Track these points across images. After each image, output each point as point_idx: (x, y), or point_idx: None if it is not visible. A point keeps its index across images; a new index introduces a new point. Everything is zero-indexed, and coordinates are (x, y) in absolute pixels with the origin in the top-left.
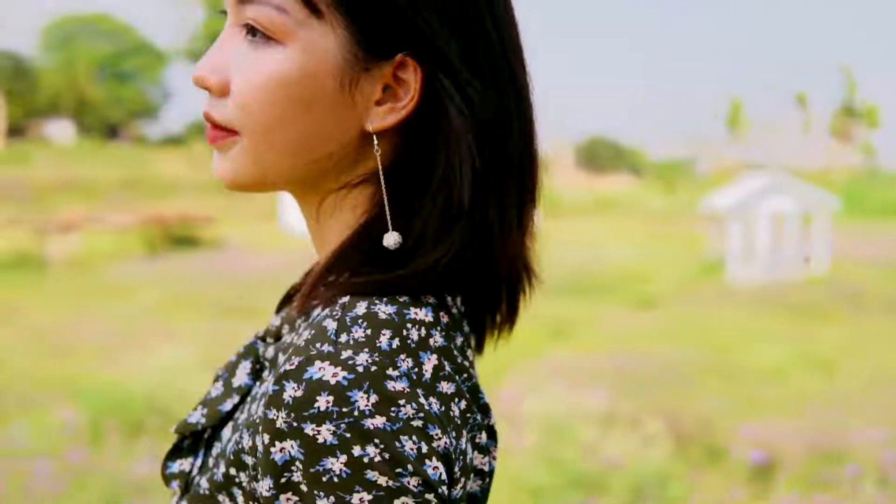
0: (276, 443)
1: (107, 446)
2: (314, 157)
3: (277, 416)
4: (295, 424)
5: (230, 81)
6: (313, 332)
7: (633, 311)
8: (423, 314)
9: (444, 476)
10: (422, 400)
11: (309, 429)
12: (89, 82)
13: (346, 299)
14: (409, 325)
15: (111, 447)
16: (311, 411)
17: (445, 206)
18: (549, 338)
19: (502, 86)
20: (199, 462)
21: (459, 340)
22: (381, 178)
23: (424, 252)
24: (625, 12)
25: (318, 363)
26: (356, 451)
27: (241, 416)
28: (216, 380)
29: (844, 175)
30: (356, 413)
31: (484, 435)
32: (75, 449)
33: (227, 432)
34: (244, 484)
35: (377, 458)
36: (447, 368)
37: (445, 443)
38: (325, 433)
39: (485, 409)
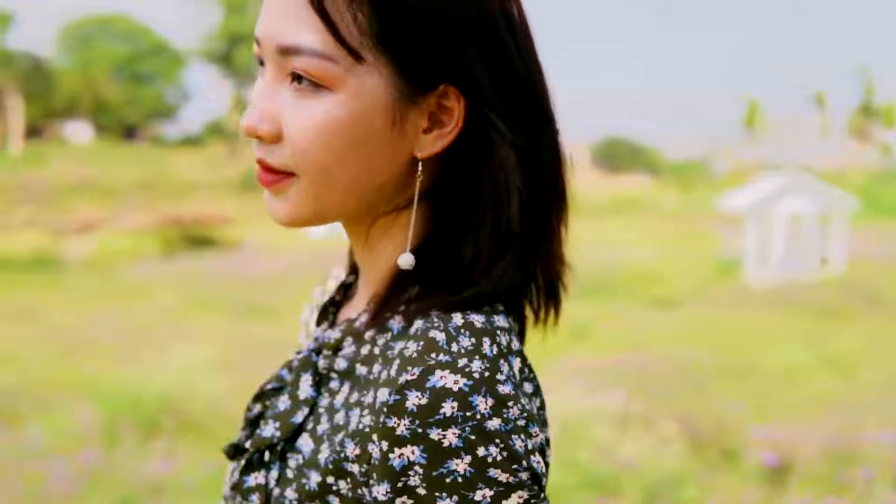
0: (396, 449)
1: (121, 446)
2: (370, 188)
3: (399, 424)
4: (420, 431)
5: (282, 129)
6: (422, 343)
7: (649, 312)
8: (502, 321)
9: (544, 469)
10: (523, 401)
11: (434, 434)
12: (107, 83)
13: (437, 312)
14: (497, 332)
15: (126, 447)
16: (437, 417)
17: (495, 227)
18: (566, 338)
19: (533, 112)
20: (275, 474)
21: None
22: (423, 198)
23: (483, 271)
24: (643, 13)
25: (438, 372)
26: (480, 451)
27: (321, 427)
28: (262, 396)
29: (862, 175)
30: (478, 416)
31: (547, 430)
32: (90, 449)
33: (306, 443)
34: (343, 491)
35: (498, 457)
36: (526, 370)
37: (540, 439)
38: (451, 437)
39: (543, 406)
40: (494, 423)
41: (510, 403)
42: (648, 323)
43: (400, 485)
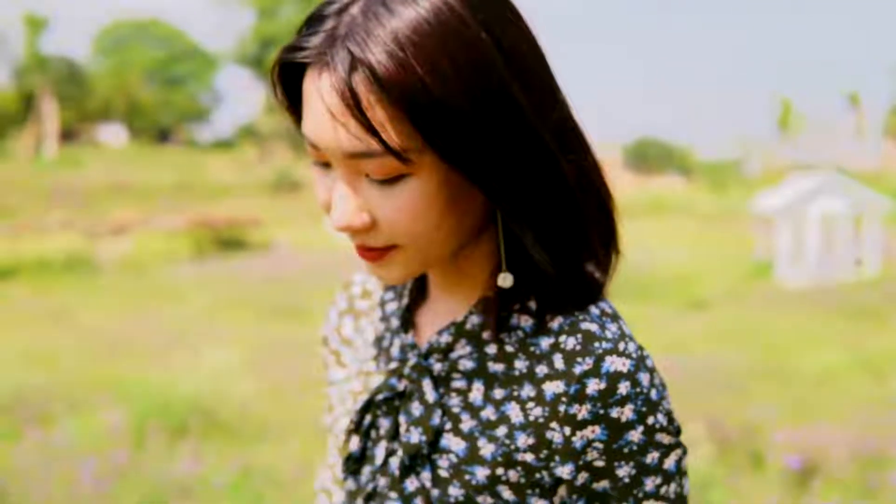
0: (578, 432)
1: (150, 447)
2: (463, 232)
3: (580, 410)
4: (601, 412)
5: (375, 218)
6: (579, 336)
7: (681, 313)
8: (610, 306)
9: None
10: (657, 372)
11: (614, 412)
12: (141, 87)
13: (572, 307)
14: (619, 315)
15: (155, 448)
16: (615, 398)
17: (571, 239)
18: None
19: (576, 136)
20: (428, 475)
21: None
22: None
23: (576, 269)
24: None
25: (608, 359)
26: (650, 420)
27: (466, 425)
28: (372, 406)
29: None
30: (644, 390)
31: None
32: (119, 450)
33: (455, 443)
34: (513, 480)
35: (663, 422)
36: None
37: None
38: (627, 412)
39: None
40: (654, 394)
41: (656, 374)
42: (681, 324)
43: (581, 462)
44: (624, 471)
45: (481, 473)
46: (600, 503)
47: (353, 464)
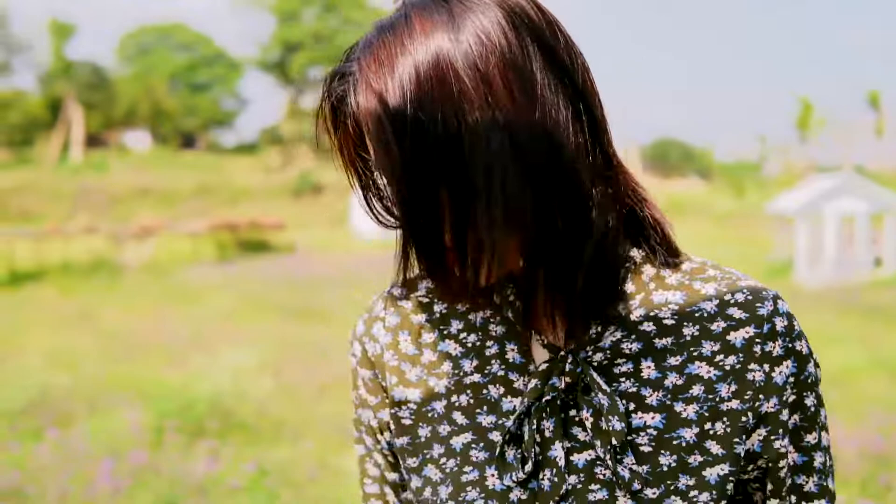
0: (776, 367)
1: (169, 447)
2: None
3: (774, 346)
4: (790, 346)
5: None
6: (745, 289)
7: None
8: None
9: None
10: None
11: (798, 346)
12: (165, 92)
13: (689, 268)
14: None
15: (173, 448)
16: (796, 333)
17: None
18: None
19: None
20: (631, 458)
21: None
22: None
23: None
24: (687, 12)
25: (779, 301)
26: (814, 354)
27: (653, 399)
28: (540, 408)
29: None
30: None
31: None
32: (138, 450)
33: (648, 419)
34: (720, 432)
35: (814, 355)
36: None
37: None
38: (805, 345)
39: None
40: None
41: None
42: None
43: (783, 397)
44: (810, 401)
45: (689, 434)
46: (795, 436)
47: (522, 473)
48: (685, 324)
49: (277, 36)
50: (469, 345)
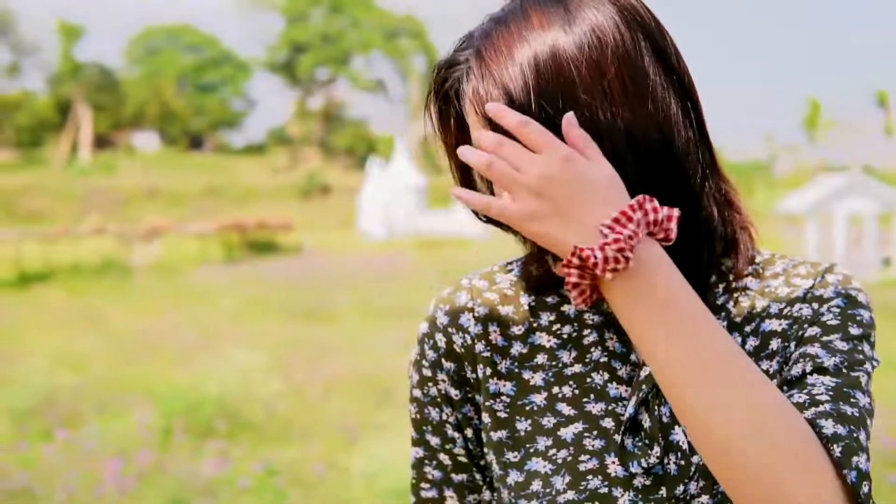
0: (824, 305)
1: (176, 448)
2: None
3: (826, 289)
4: (842, 291)
5: None
6: (806, 263)
7: None
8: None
9: None
10: None
11: (853, 291)
12: (173, 93)
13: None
14: None
15: (180, 449)
16: (854, 284)
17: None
18: None
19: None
20: None
21: None
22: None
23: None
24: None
25: (835, 266)
26: (868, 313)
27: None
28: (656, 395)
29: None
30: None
31: None
32: (146, 450)
33: None
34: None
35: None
36: None
37: None
38: (863, 295)
39: None
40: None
41: None
42: None
43: (825, 318)
44: (854, 330)
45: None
46: (826, 347)
47: (654, 458)
48: (758, 299)
49: (285, 37)
50: (565, 336)
